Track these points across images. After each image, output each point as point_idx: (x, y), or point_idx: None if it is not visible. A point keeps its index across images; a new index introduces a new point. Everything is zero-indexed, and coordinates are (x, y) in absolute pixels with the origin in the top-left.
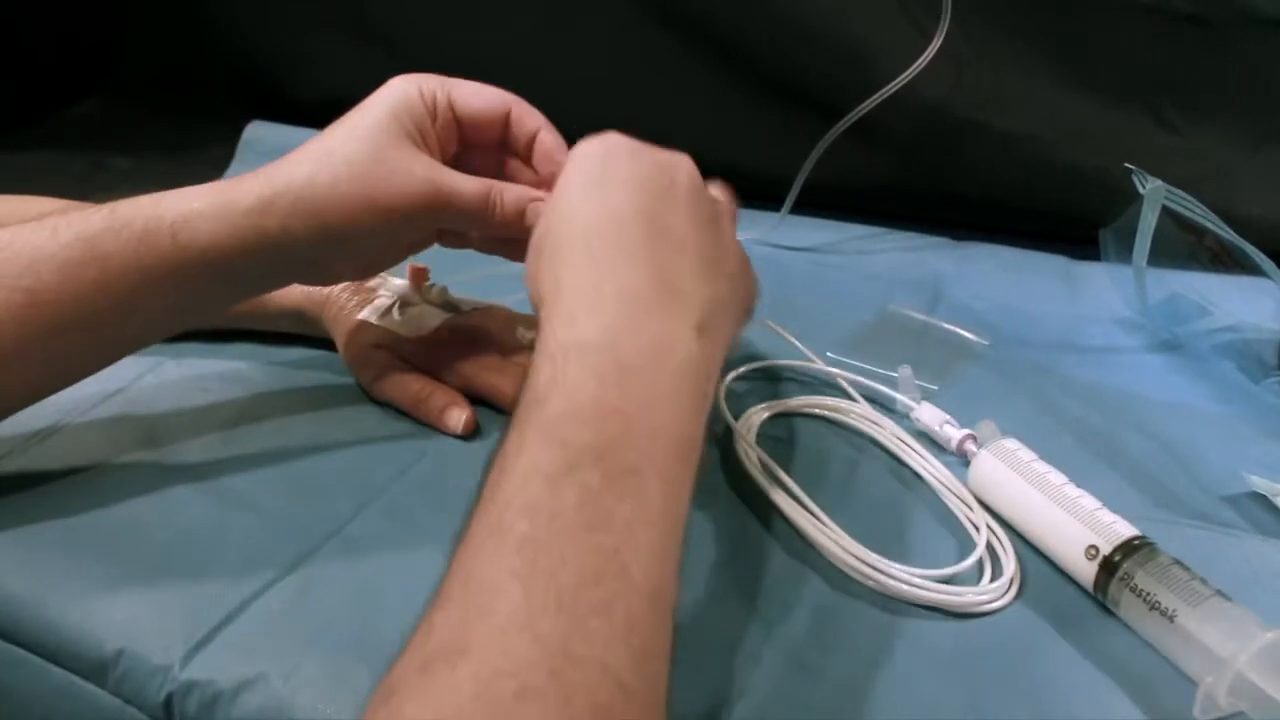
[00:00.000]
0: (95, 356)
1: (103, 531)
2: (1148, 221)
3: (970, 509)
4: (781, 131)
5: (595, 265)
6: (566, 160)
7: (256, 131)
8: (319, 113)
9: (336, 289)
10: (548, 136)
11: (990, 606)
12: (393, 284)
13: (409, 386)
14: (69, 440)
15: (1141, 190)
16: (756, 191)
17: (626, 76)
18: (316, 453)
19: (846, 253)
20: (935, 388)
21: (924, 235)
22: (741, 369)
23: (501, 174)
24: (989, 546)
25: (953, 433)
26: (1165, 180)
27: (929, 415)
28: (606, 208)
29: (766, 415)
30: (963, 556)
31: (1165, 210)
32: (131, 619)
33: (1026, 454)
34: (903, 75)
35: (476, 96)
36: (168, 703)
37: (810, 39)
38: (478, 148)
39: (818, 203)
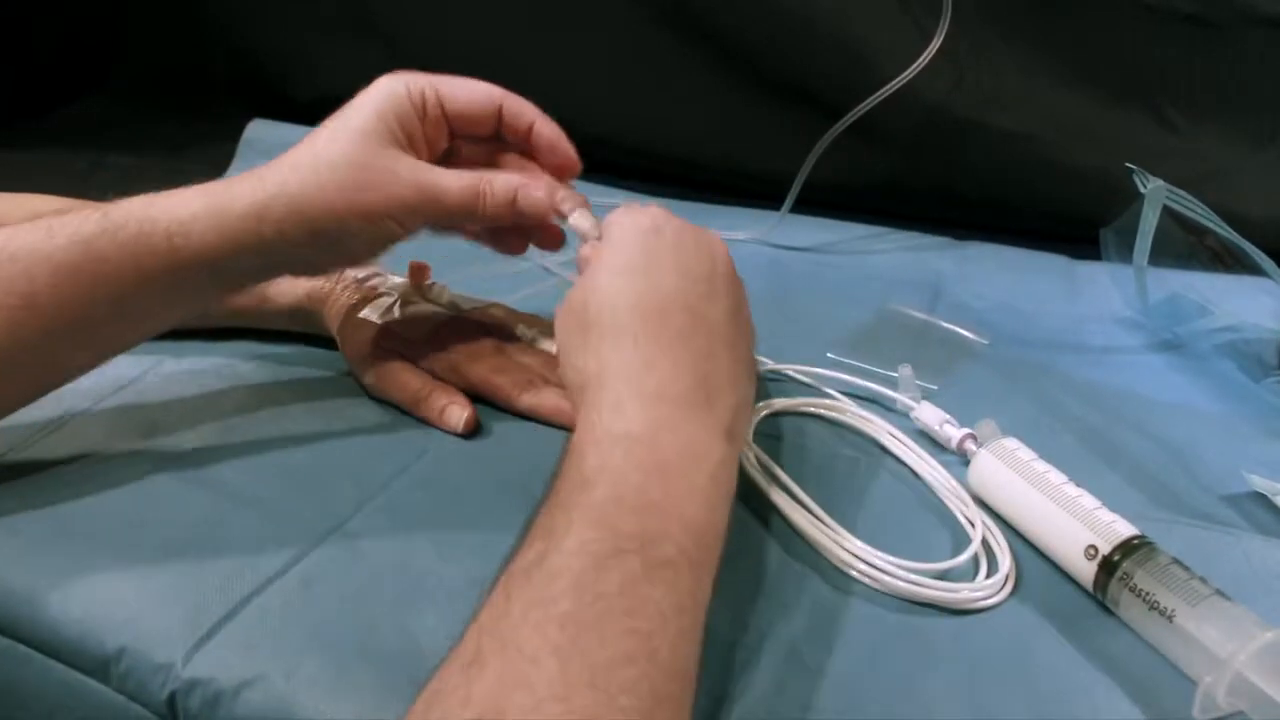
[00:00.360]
0: (89, 357)
1: (105, 528)
2: (1148, 221)
3: (965, 505)
4: (782, 131)
5: (641, 355)
6: (607, 229)
7: (257, 130)
8: (320, 112)
9: (338, 288)
10: (545, 128)
11: (985, 603)
12: (393, 283)
13: (409, 385)
14: (71, 437)
15: (1142, 190)
16: (756, 191)
17: (627, 75)
18: (317, 450)
19: (846, 252)
20: (935, 387)
21: (924, 235)
22: None
23: (493, 163)
24: (984, 544)
25: (952, 432)
26: (1165, 179)
27: (929, 414)
28: (652, 293)
29: (764, 414)
30: (959, 554)
31: (1166, 210)
32: (133, 616)
33: (1026, 453)
34: (903, 74)
35: (465, 92)
36: (171, 700)
37: (811, 38)
38: (469, 139)
39: (818, 202)
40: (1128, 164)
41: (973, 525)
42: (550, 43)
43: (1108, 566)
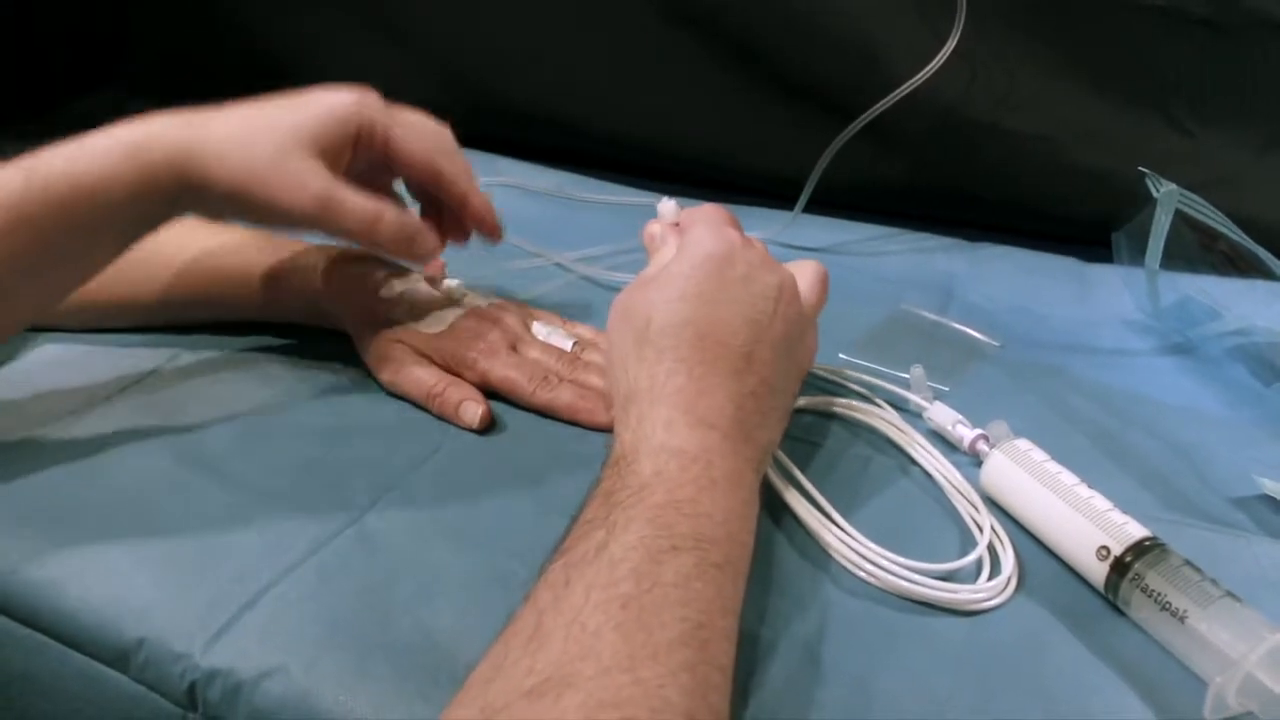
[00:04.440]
0: (32, 307)
1: (122, 519)
2: (1161, 225)
3: (975, 509)
4: (795, 131)
5: (695, 384)
6: (685, 238)
7: None
8: None
9: (351, 285)
10: (476, 199)
11: (986, 605)
12: (409, 280)
13: (424, 381)
14: (86, 430)
15: (1155, 194)
16: (769, 191)
17: (640, 74)
18: (333, 444)
19: (859, 253)
20: (947, 388)
21: (936, 236)
22: None
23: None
24: (989, 546)
25: (965, 433)
26: (1177, 183)
27: (941, 415)
28: (714, 327)
29: None
30: (966, 553)
31: (1178, 213)
32: (152, 606)
33: (1039, 454)
34: (917, 76)
35: (416, 144)
36: (191, 690)
37: (824, 39)
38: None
39: (830, 202)
40: (1140, 168)
41: (979, 528)
42: (562, 41)
43: (1120, 567)
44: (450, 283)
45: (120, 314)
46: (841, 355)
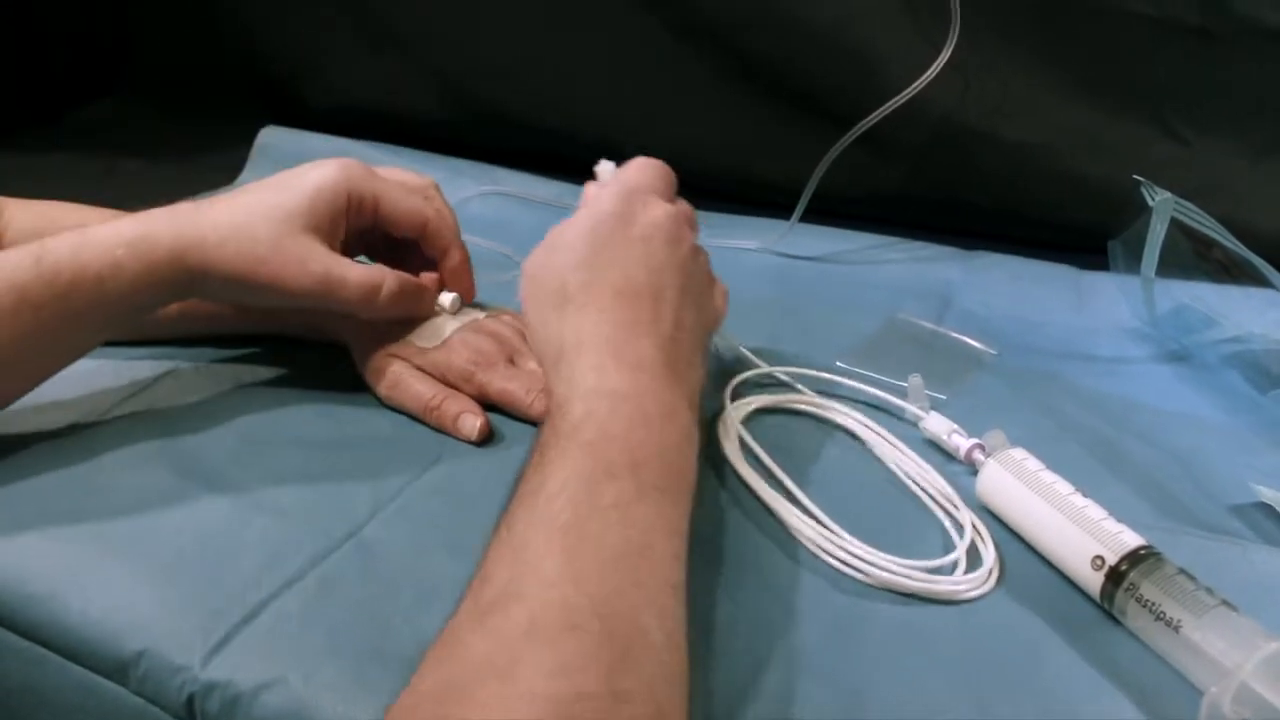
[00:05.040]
0: (19, 389)
1: (122, 531)
2: (1156, 233)
3: (956, 507)
4: (791, 140)
5: (618, 331)
6: (584, 201)
7: (270, 137)
8: (334, 118)
9: None
10: (456, 255)
11: (968, 595)
12: None
13: (422, 394)
14: (86, 441)
15: (1151, 202)
16: (765, 200)
17: (637, 83)
18: (332, 456)
19: (855, 262)
20: (944, 396)
21: (932, 245)
22: (747, 374)
23: (403, 259)
24: (969, 539)
25: (961, 442)
26: (1171, 190)
27: (937, 425)
28: (626, 281)
29: (753, 408)
30: (947, 547)
31: (1174, 221)
32: (151, 618)
33: (1034, 463)
34: (913, 85)
35: (403, 205)
36: (189, 703)
37: (820, 48)
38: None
39: (827, 211)
40: (1135, 176)
41: (959, 524)
42: (562, 51)
43: (1114, 577)
44: (446, 296)
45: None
46: (838, 363)
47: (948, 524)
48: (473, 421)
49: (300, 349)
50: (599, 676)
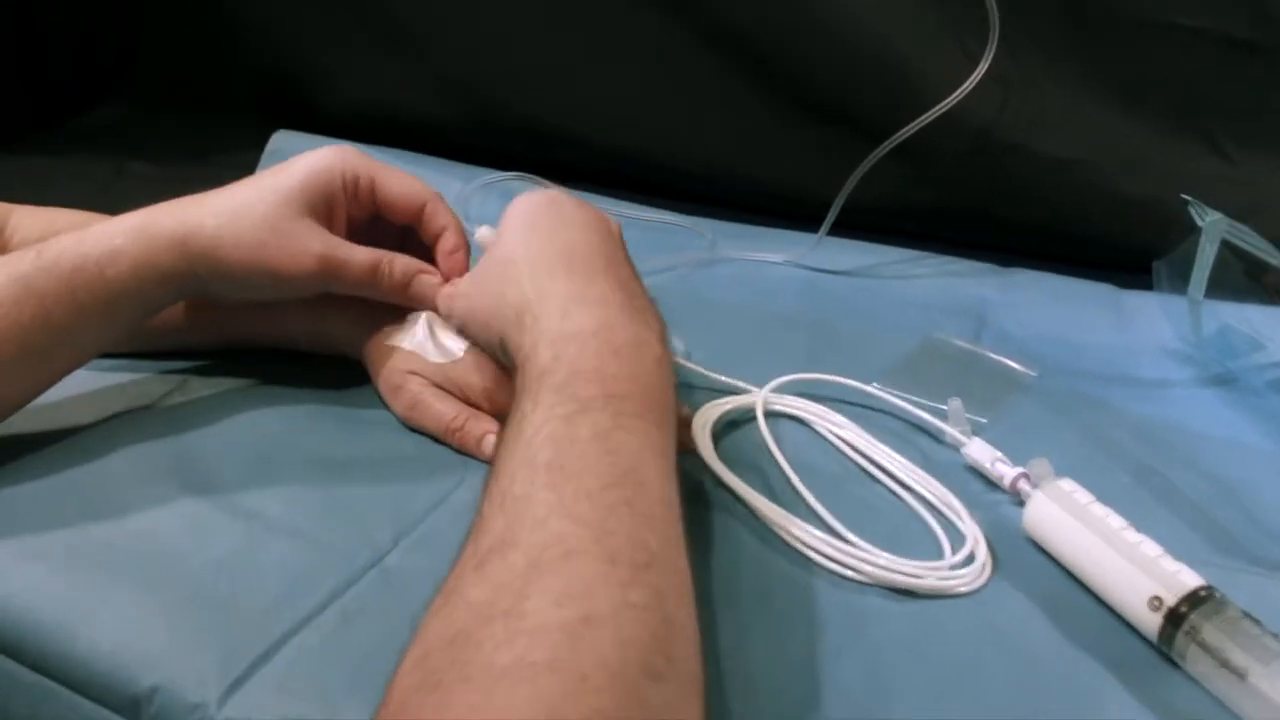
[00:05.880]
0: (32, 386)
1: (133, 559)
2: (1206, 255)
3: (958, 516)
4: (821, 152)
5: (575, 278)
6: (508, 211)
7: (282, 141)
8: (346, 122)
9: (358, 312)
10: (452, 236)
11: (960, 590)
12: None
13: (443, 415)
14: (93, 459)
15: (1200, 222)
16: (793, 212)
17: (666, 94)
18: (352, 479)
19: (885, 277)
20: (985, 420)
21: (966, 260)
22: (779, 380)
23: (403, 244)
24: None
25: (1005, 471)
26: (1216, 209)
27: (980, 452)
28: (569, 243)
29: (727, 407)
30: (940, 548)
31: (1223, 243)
32: (165, 652)
33: (1083, 495)
34: (951, 96)
35: (399, 185)
36: None
37: (855, 60)
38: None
39: (856, 225)
40: (1183, 195)
41: (961, 519)
42: (587, 59)
43: (1174, 619)
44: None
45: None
46: (874, 385)
47: (930, 518)
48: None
49: (313, 362)
50: (606, 596)
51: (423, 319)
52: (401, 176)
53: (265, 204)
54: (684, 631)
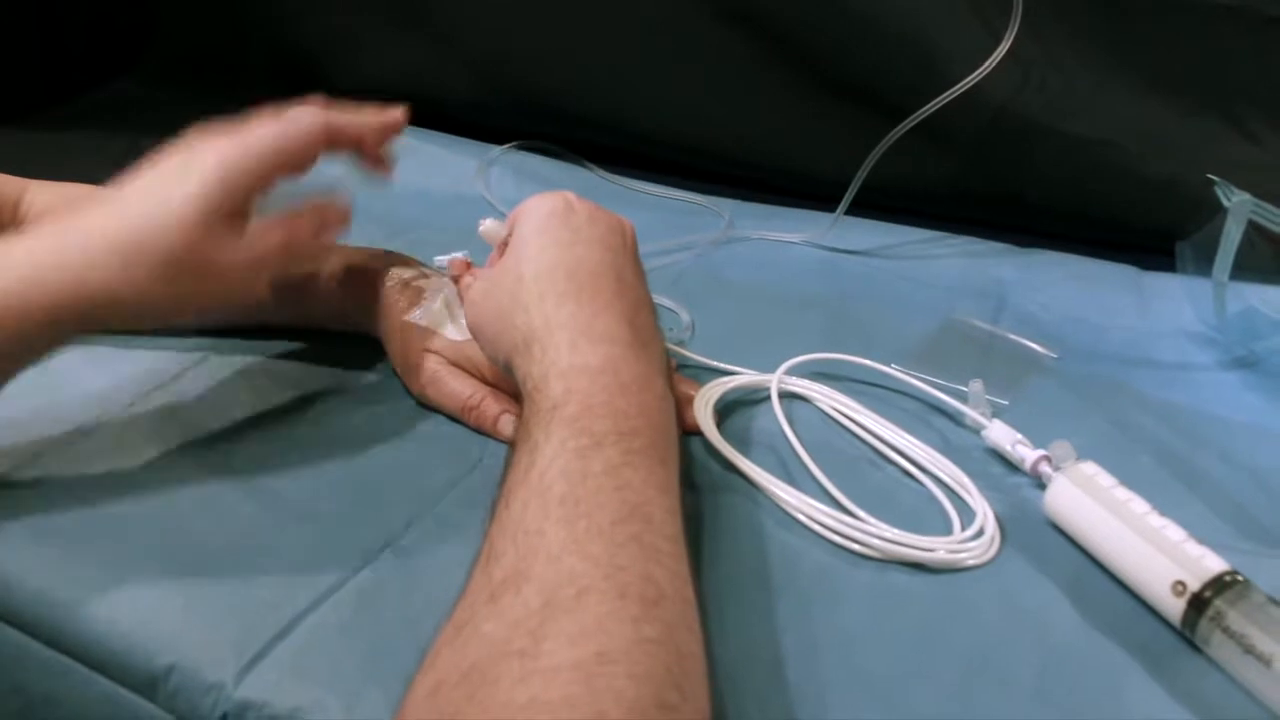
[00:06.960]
0: None
1: (150, 537)
2: (1232, 236)
3: (970, 494)
4: (840, 131)
5: (583, 310)
6: (520, 215)
7: None
8: (363, 96)
9: (384, 289)
10: (371, 131)
11: (968, 563)
12: (441, 282)
13: (460, 393)
14: (110, 439)
15: (1226, 203)
16: (810, 192)
17: (684, 72)
18: (367, 459)
19: (904, 257)
20: (1005, 402)
21: (985, 240)
22: (795, 360)
23: None
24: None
25: (1026, 453)
26: (1244, 190)
27: (1000, 434)
28: (580, 263)
29: (726, 388)
30: (947, 523)
31: (1250, 224)
32: (182, 630)
33: (1106, 479)
34: (972, 75)
35: (293, 130)
36: None
37: (876, 37)
38: None
39: (875, 204)
40: (1209, 175)
41: (970, 494)
42: (606, 38)
43: (1198, 604)
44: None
45: None
46: (894, 366)
47: (941, 495)
48: (513, 422)
49: (331, 339)
50: (619, 633)
51: (440, 296)
52: (282, 126)
53: (166, 235)
54: (694, 663)
